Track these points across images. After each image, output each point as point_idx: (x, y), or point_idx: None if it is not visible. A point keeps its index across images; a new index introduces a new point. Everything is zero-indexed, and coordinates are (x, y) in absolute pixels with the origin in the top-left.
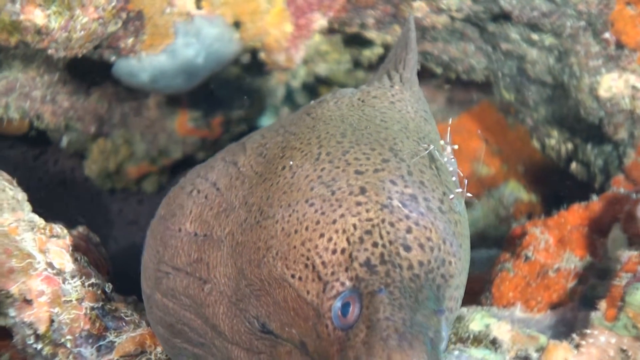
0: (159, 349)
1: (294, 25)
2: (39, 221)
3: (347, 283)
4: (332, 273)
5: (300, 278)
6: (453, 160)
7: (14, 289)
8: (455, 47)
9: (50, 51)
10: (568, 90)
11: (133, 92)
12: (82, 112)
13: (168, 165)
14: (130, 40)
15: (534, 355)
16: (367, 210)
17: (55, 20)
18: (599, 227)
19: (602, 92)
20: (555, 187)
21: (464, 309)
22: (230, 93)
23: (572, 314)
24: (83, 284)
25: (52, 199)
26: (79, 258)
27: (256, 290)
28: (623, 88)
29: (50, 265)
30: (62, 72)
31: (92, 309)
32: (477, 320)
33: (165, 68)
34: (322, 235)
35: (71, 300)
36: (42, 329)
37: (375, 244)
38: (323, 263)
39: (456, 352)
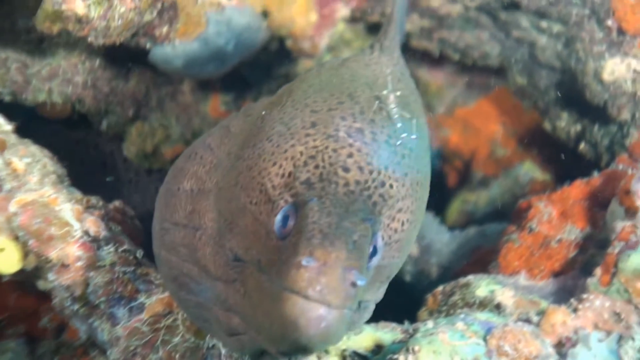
0: None
1: (319, 15)
2: (77, 194)
3: (289, 199)
4: (279, 194)
5: (256, 203)
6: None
7: (53, 254)
8: (471, 34)
9: (90, 39)
10: (575, 74)
11: (169, 78)
12: (121, 97)
13: None
14: (165, 29)
15: (535, 318)
16: (314, 140)
17: (94, 9)
18: (599, 201)
19: (606, 76)
20: (566, 166)
21: (472, 277)
22: (259, 78)
23: (572, 282)
24: (116, 250)
25: (93, 180)
26: (113, 227)
27: (229, 225)
28: (625, 72)
29: (86, 232)
30: (103, 59)
31: (125, 272)
32: (483, 286)
33: (198, 55)
34: (274, 164)
35: (105, 265)
36: (78, 292)
37: (316, 166)
38: (273, 186)
39: (462, 315)
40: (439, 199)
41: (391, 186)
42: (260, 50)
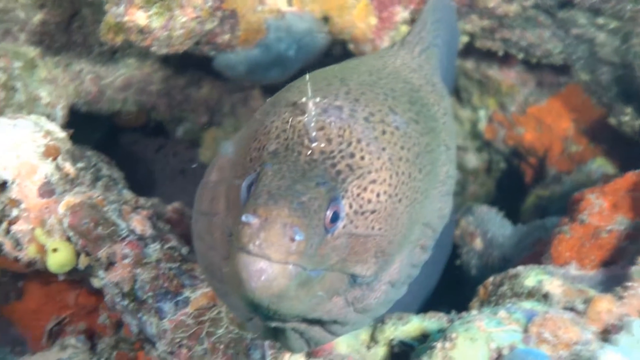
0: None
1: (378, 18)
2: (128, 195)
3: (258, 169)
4: (252, 165)
5: (239, 177)
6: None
7: (101, 253)
8: (532, 33)
9: (153, 48)
10: (633, 69)
11: (240, 84)
12: (195, 104)
13: None
14: (226, 37)
15: (581, 306)
16: (290, 115)
17: (156, 20)
18: None
19: None
20: (635, 161)
21: (521, 268)
22: None
23: (622, 271)
24: (162, 247)
25: (173, 187)
26: (161, 226)
27: (227, 203)
28: None
29: (132, 231)
30: (175, 67)
31: (170, 269)
32: (532, 277)
33: (260, 60)
34: (254, 139)
35: (151, 262)
36: (126, 288)
37: (286, 138)
38: (250, 160)
39: (508, 305)
40: (516, 196)
41: (362, 158)
42: (323, 54)
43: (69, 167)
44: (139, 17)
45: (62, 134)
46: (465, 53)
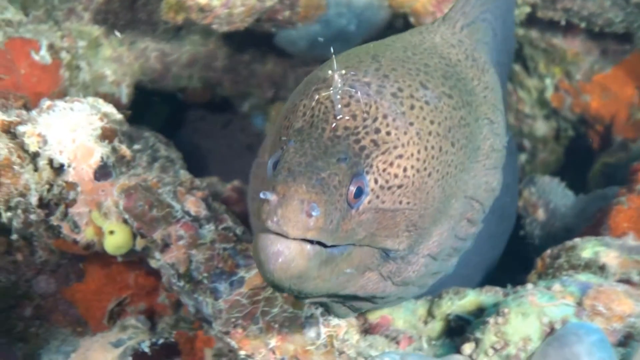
0: None
1: None
2: (184, 176)
3: (284, 147)
4: (280, 143)
5: (274, 152)
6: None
7: (156, 235)
8: (593, 2)
9: (214, 26)
10: None
11: (304, 59)
12: (260, 79)
13: None
14: (286, 13)
15: (636, 277)
16: (318, 92)
17: None
18: None
19: None
20: None
21: (578, 240)
22: None
23: None
24: (216, 228)
25: (241, 162)
26: (216, 206)
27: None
28: None
29: (187, 213)
30: (239, 43)
31: (225, 249)
32: (588, 249)
33: (321, 36)
34: (285, 118)
35: (206, 243)
36: (182, 269)
37: (311, 115)
38: (280, 138)
39: (564, 278)
40: (584, 163)
41: (388, 133)
42: (385, 28)
43: (125, 149)
44: None
45: (119, 116)
46: (529, 23)
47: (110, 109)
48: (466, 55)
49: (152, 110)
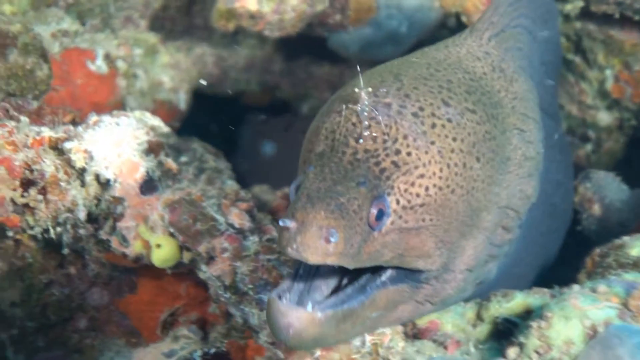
0: None
1: None
2: (229, 188)
3: (306, 171)
4: (303, 167)
5: (297, 175)
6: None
7: (201, 248)
8: None
9: (265, 32)
10: None
11: (361, 60)
12: (318, 81)
13: None
14: (337, 17)
15: None
16: (340, 115)
17: (267, 4)
18: None
19: None
20: None
21: (627, 238)
22: None
23: None
24: (260, 239)
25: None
26: (261, 217)
27: None
28: None
29: (231, 225)
30: (296, 47)
31: (269, 260)
32: (637, 247)
33: (372, 39)
34: (308, 141)
35: (250, 255)
36: (228, 281)
37: (333, 139)
38: (303, 161)
39: (612, 277)
40: None
41: (409, 154)
42: (437, 27)
43: (171, 163)
44: (250, 3)
45: (166, 129)
46: (584, 16)
47: (157, 122)
48: (492, 67)
49: (210, 115)
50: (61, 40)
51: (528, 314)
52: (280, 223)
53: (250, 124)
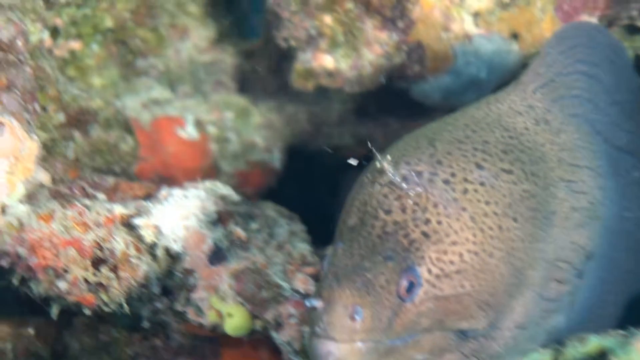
0: None
1: None
2: (297, 252)
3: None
4: (336, 241)
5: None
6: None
7: (269, 315)
8: None
9: (345, 89)
10: None
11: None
12: (410, 129)
13: None
14: (416, 68)
15: None
16: (372, 186)
17: (344, 61)
18: None
19: None
20: None
21: None
22: None
23: None
24: None
25: None
26: None
27: None
28: None
29: (296, 291)
30: (385, 97)
31: None
32: None
33: (452, 87)
34: (343, 213)
35: None
36: (297, 346)
37: (364, 212)
38: (338, 234)
39: None
40: None
41: (439, 222)
42: (519, 68)
43: (239, 232)
44: (327, 61)
45: (236, 197)
46: None
47: (227, 191)
48: (536, 121)
49: (306, 172)
50: (151, 109)
51: (603, 357)
52: (307, 303)
53: (348, 177)
